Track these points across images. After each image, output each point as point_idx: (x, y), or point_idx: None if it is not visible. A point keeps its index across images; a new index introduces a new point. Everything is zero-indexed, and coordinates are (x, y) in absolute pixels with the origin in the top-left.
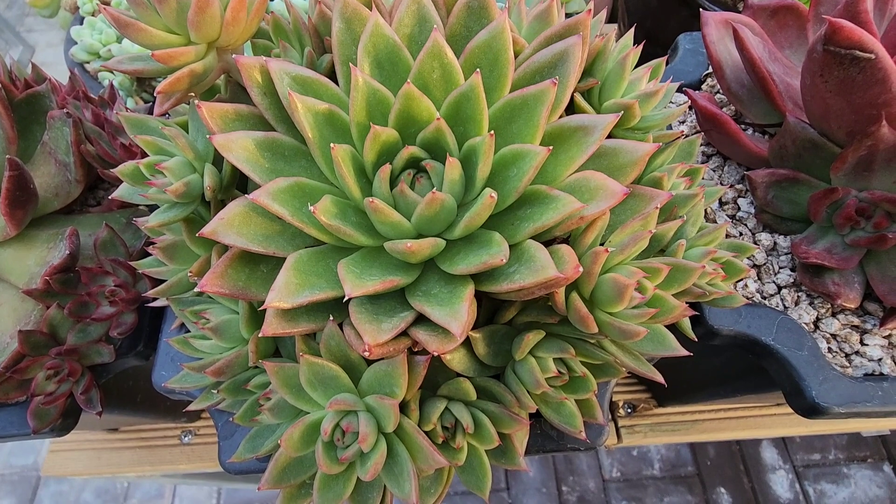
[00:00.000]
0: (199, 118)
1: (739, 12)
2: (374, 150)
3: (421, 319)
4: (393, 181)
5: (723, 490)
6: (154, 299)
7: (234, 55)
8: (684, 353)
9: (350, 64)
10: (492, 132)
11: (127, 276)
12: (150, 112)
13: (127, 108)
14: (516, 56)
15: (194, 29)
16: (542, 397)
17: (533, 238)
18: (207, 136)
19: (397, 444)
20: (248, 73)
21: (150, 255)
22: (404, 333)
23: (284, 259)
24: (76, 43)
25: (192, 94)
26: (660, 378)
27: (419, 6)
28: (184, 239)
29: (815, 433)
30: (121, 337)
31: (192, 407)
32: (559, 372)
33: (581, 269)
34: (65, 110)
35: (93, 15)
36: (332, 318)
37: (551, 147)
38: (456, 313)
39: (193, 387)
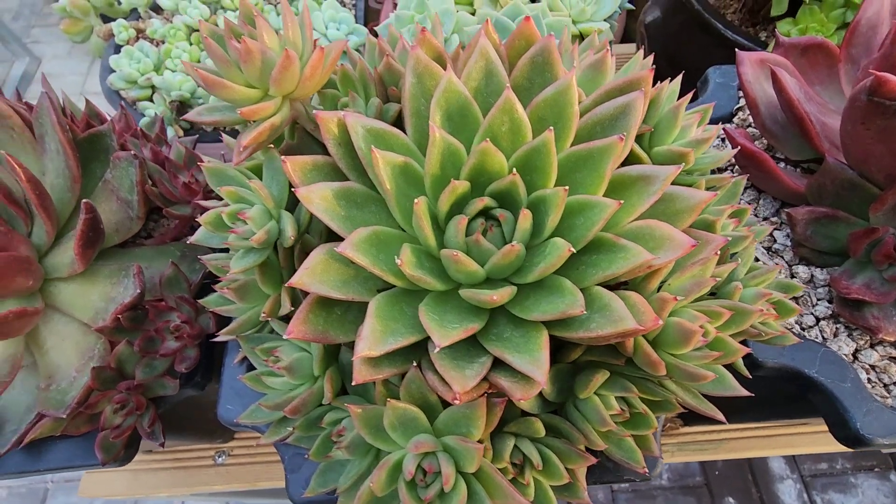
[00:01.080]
0: (274, 166)
1: (762, 41)
2: (449, 202)
3: (497, 364)
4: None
5: (731, 500)
6: (214, 335)
7: (314, 110)
8: (745, 393)
9: (431, 123)
10: (566, 187)
11: (190, 312)
12: (195, 143)
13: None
14: None
15: (275, 84)
16: (605, 434)
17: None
18: (291, 189)
19: (475, 484)
20: (325, 125)
21: (211, 291)
22: (484, 378)
23: (356, 302)
24: (113, 71)
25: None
26: (720, 416)
27: (487, 62)
28: (254, 279)
29: (841, 451)
30: (185, 371)
31: (262, 441)
32: (621, 410)
33: (661, 321)
34: (131, 152)
35: (127, 43)
36: (414, 363)
37: (622, 201)
38: (537, 361)
39: (263, 422)
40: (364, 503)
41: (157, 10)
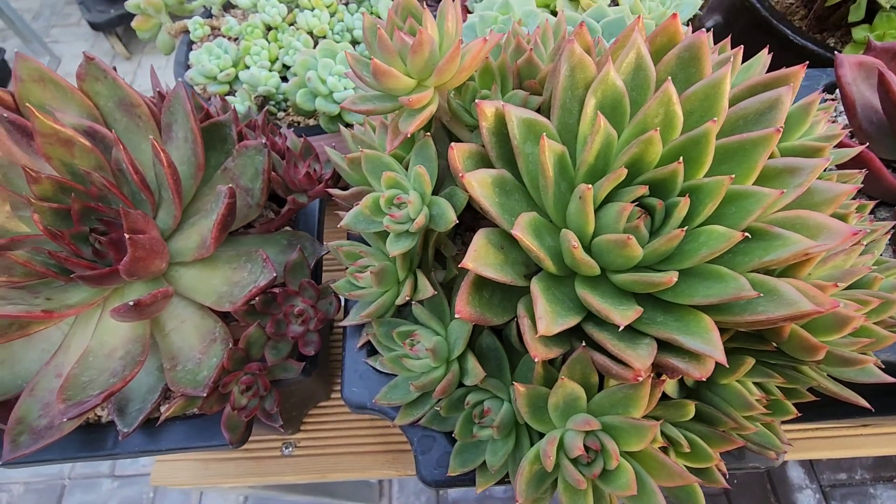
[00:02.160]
0: (425, 154)
1: (830, 47)
2: (607, 189)
3: (661, 345)
4: None
5: None
6: (332, 320)
7: (477, 101)
8: (890, 379)
9: (586, 112)
10: (731, 175)
11: (314, 297)
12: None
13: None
14: None
15: (438, 74)
16: (748, 419)
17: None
18: (459, 175)
19: (634, 463)
20: (483, 114)
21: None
22: None
23: (499, 287)
24: (188, 67)
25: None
26: (862, 402)
27: (638, 56)
28: (387, 265)
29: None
30: (308, 355)
31: (397, 422)
32: (762, 395)
33: (839, 304)
34: (262, 141)
35: (201, 40)
36: (583, 343)
37: (783, 190)
38: (711, 341)
39: (397, 402)
40: (526, 480)
41: (227, 8)
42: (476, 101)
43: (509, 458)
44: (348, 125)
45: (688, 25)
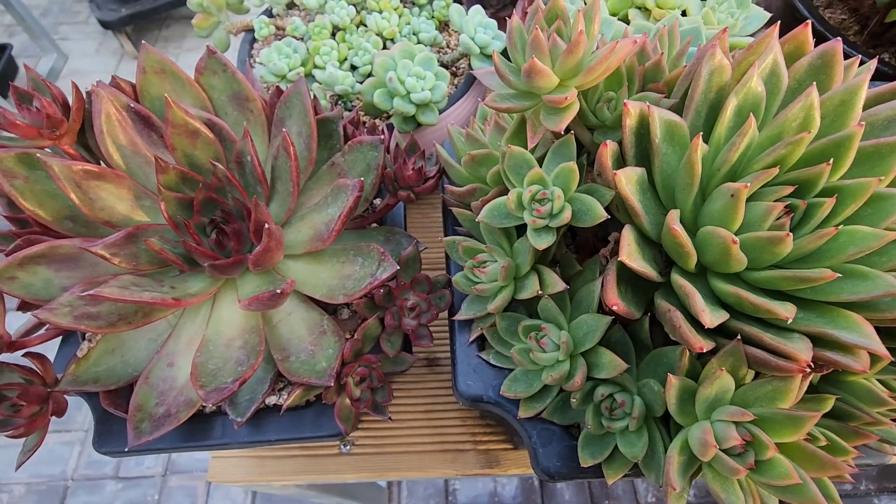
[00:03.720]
0: (564, 151)
1: (885, 62)
2: (755, 188)
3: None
4: None
5: None
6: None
7: (625, 100)
8: None
9: (726, 114)
10: (879, 177)
11: (426, 290)
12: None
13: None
14: None
15: (586, 74)
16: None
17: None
18: (607, 171)
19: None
20: (629, 113)
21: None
22: None
23: (635, 281)
24: (251, 65)
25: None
26: None
27: (774, 63)
28: (512, 260)
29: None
30: (424, 347)
31: (521, 415)
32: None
33: None
34: (379, 136)
35: (265, 39)
36: (738, 337)
37: None
38: (869, 336)
39: (522, 395)
40: (676, 469)
41: (289, 7)
42: (626, 101)
43: (652, 450)
44: (419, 125)
45: (752, 37)
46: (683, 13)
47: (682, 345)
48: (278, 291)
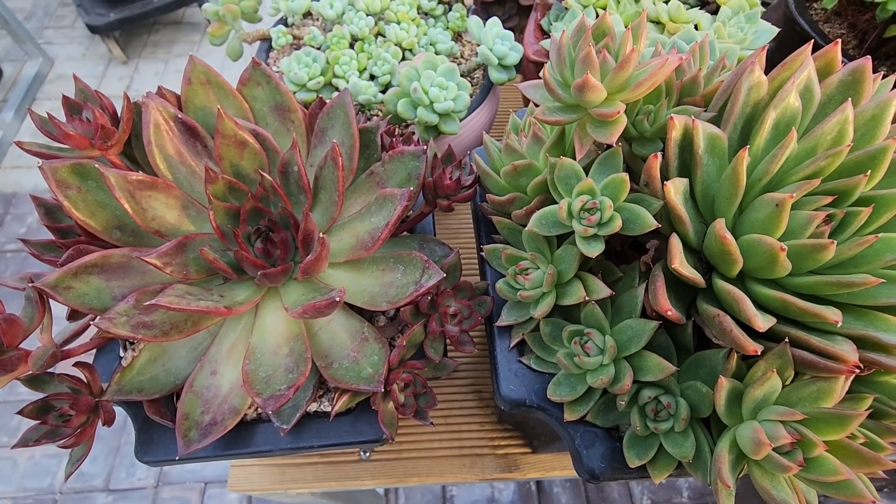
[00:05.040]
0: (611, 163)
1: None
2: (797, 198)
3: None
4: None
5: None
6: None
7: (671, 114)
8: None
9: (764, 128)
10: None
11: (468, 297)
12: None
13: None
14: None
15: (630, 91)
16: None
17: None
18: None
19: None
20: (674, 126)
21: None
22: None
23: (677, 287)
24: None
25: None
26: None
27: (808, 80)
28: (555, 268)
29: None
30: (464, 354)
31: (567, 418)
32: None
33: None
34: (422, 147)
35: (282, 49)
36: (786, 340)
37: None
38: None
39: (568, 398)
40: (727, 467)
41: (304, 17)
42: (671, 115)
43: (700, 450)
44: (440, 133)
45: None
46: (696, 27)
47: (724, 348)
48: (336, 300)
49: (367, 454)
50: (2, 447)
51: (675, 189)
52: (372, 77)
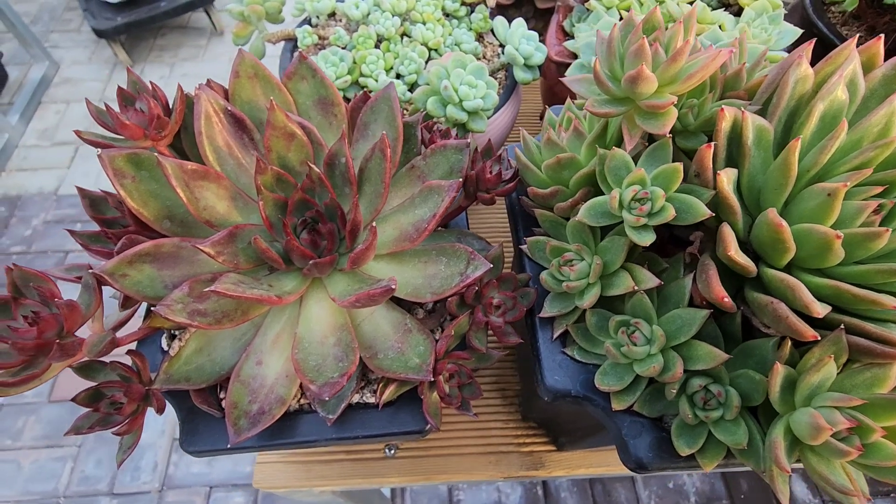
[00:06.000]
0: (660, 154)
1: None
2: (850, 186)
3: None
4: None
5: None
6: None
7: (722, 106)
8: None
9: (811, 121)
10: None
11: (512, 288)
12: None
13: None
14: None
15: (681, 83)
16: None
17: None
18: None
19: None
20: (724, 118)
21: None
22: None
23: (727, 275)
24: None
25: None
26: None
27: (854, 73)
28: (600, 258)
29: None
30: (509, 346)
31: (615, 407)
32: None
33: None
34: (466, 140)
35: (308, 49)
36: (842, 327)
37: None
38: None
39: (615, 388)
40: (785, 454)
41: (329, 18)
42: (722, 106)
43: (752, 439)
44: (467, 132)
45: (787, 51)
46: (720, 28)
47: (774, 337)
48: (392, 287)
49: (393, 451)
50: (6, 450)
51: (728, 179)
52: (398, 76)
